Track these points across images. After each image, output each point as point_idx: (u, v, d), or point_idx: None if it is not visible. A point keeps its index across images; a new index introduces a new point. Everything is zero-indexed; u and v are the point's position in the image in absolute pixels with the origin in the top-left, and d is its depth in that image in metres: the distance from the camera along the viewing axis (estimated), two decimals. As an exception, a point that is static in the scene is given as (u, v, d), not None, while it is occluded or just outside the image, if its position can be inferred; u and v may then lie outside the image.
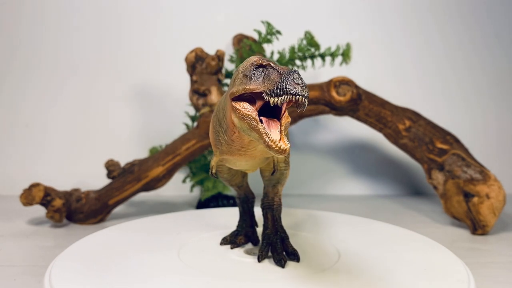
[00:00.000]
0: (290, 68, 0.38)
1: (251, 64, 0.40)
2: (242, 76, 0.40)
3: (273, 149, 0.38)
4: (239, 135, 0.42)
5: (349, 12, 1.09)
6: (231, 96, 0.40)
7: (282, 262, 0.50)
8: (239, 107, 0.39)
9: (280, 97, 0.37)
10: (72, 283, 0.45)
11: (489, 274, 0.57)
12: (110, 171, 0.81)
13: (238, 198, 0.59)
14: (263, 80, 0.39)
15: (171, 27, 1.04)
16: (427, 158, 0.81)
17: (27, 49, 1.02)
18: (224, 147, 0.45)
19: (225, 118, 0.43)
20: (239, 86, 0.40)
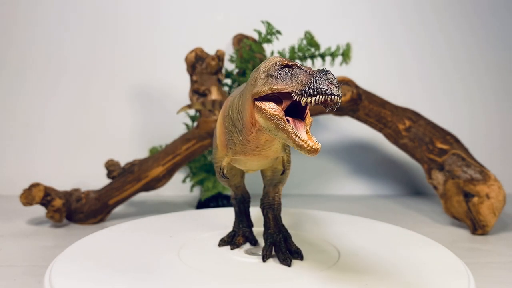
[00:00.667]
0: (321, 68, 0.38)
1: (276, 64, 0.40)
2: (265, 76, 0.40)
3: (305, 148, 0.38)
4: (256, 135, 0.42)
5: (349, 12, 1.09)
6: (254, 96, 0.40)
7: (288, 261, 0.50)
8: (266, 107, 0.39)
9: (314, 97, 0.36)
10: (72, 283, 0.45)
11: (489, 274, 0.57)
12: (110, 171, 0.81)
13: (234, 198, 0.59)
14: (290, 80, 0.38)
15: (171, 27, 1.04)
16: (427, 158, 0.81)
17: (27, 49, 1.02)
18: (238, 147, 0.45)
19: (242, 118, 0.43)
20: (264, 86, 0.39)
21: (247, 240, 0.57)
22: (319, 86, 0.36)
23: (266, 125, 0.40)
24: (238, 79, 0.86)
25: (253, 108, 0.41)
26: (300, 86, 0.37)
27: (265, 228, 0.54)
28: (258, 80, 0.40)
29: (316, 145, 0.38)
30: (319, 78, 0.37)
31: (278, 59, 0.40)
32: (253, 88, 0.41)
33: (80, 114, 1.03)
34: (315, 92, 0.36)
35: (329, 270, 0.49)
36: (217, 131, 0.50)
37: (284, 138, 0.39)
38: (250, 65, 0.85)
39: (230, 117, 0.45)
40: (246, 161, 0.47)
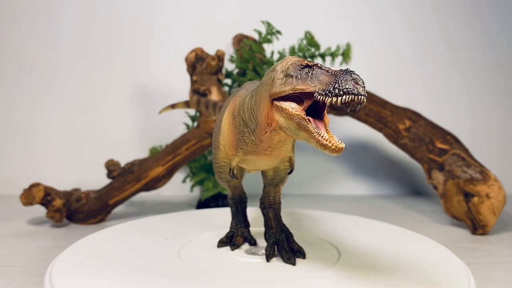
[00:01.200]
0: (344, 69, 0.38)
1: (295, 64, 0.39)
2: (284, 76, 0.40)
3: (329, 148, 0.38)
4: (270, 135, 0.42)
5: (349, 12, 1.09)
6: (273, 96, 0.40)
7: (293, 260, 0.50)
8: (287, 107, 0.39)
9: (340, 97, 0.36)
10: (72, 283, 0.45)
11: (489, 274, 0.57)
12: (110, 171, 0.81)
13: (232, 198, 0.59)
14: (311, 80, 0.38)
15: (171, 27, 1.04)
16: (427, 158, 0.81)
17: (28, 49, 1.02)
18: (250, 147, 0.44)
19: (255, 118, 0.43)
20: (284, 86, 0.39)
21: (245, 240, 0.57)
22: (345, 86, 0.36)
23: (286, 125, 0.39)
24: (238, 79, 0.86)
25: (270, 108, 0.40)
26: (323, 86, 0.37)
27: (266, 228, 0.54)
28: (275, 80, 0.40)
29: (340, 144, 0.38)
30: (345, 78, 0.36)
31: (297, 59, 0.40)
32: (270, 88, 0.40)
33: (80, 114, 1.03)
34: (341, 92, 0.36)
35: (329, 269, 0.49)
36: (223, 131, 0.50)
37: (306, 137, 0.38)
38: (250, 65, 0.85)
39: (241, 117, 0.45)
40: (256, 161, 0.47)
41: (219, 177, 0.56)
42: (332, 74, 0.37)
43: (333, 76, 0.37)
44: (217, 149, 0.53)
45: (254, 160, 0.47)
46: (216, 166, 0.55)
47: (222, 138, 0.51)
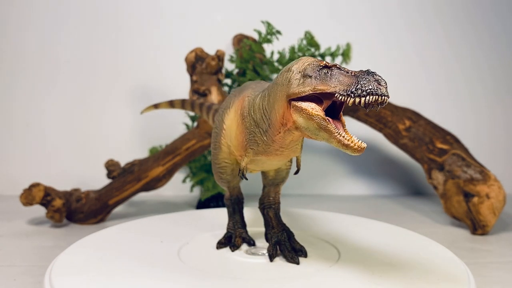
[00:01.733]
0: (365, 70, 0.38)
1: (313, 64, 0.40)
2: (301, 76, 0.40)
3: (351, 147, 0.38)
4: (284, 135, 0.42)
5: (349, 12, 1.09)
6: (292, 96, 0.40)
7: (296, 259, 0.51)
8: (307, 107, 0.39)
9: (363, 98, 0.36)
10: (72, 283, 0.45)
11: (489, 274, 0.57)
12: (110, 171, 0.81)
13: (229, 199, 0.58)
14: (331, 81, 0.38)
15: (171, 27, 1.04)
16: (427, 158, 0.81)
17: (28, 49, 1.02)
18: (261, 147, 0.45)
19: (268, 118, 0.43)
20: (303, 87, 0.39)
21: (244, 240, 0.57)
22: (367, 86, 0.36)
23: (306, 125, 0.39)
24: (238, 79, 0.86)
25: (286, 108, 0.41)
26: (344, 87, 0.37)
27: (267, 228, 0.55)
28: (292, 81, 0.40)
29: (362, 144, 0.38)
30: (367, 78, 0.37)
31: (314, 60, 0.40)
32: (287, 88, 0.40)
33: (80, 114, 1.03)
34: (364, 93, 0.36)
35: (329, 269, 0.49)
36: (229, 131, 0.50)
37: (326, 138, 0.39)
38: (250, 65, 0.86)
39: (252, 118, 0.45)
40: (265, 161, 0.47)
41: (219, 178, 0.56)
42: (352, 75, 0.38)
43: (354, 77, 0.37)
44: (218, 149, 0.53)
45: (264, 160, 0.47)
46: (217, 166, 0.54)
47: (228, 139, 0.50)
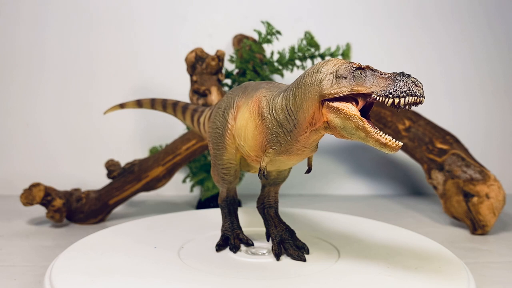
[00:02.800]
0: (399, 72, 0.40)
1: (346, 66, 0.41)
2: (334, 77, 0.41)
3: (390, 146, 0.39)
4: (309, 135, 0.44)
5: (349, 12, 1.09)
6: (327, 97, 0.41)
7: (303, 257, 0.52)
8: (344, 108, 0.40)
9: (403, 98, 0.38)
10: (72, 283, 0.45)
11: (489, 274, 0.57)
12: (110, 171, 0.81)
13: (225, 200, 0.57)
14: (366, 82, 0.40)
15: (171, 27, 1.04)
16: (427, 158, 0.81)
17: (28, 49, 1.02)
18: (284, 147, 0.45)
19: (294, 118, 0.44)
20: (340, 88, 0.40)
21: (241, 241, 0.56)
22: (406, 88, 0.38)
23: (343, 125, 0.40)
24: (238, 79, 0.86)
25: (317, 109, 0.42)
26: (381, 88, 0.39)
27: (269, 228, 0.55)
28: (324, 82, 0.41)
29: (399, 143, 0.40)
30: (404, 80, 0.39)
31: (344, 61, 0.42)
32: (319, 89, 0.41)
33: (80, 114, 1.03)
34: (403, 94, 0.38)
35: (329, 269, 0.49)
36: (244, 132, 0.49)
37: (363, 137, 0.40)
38: (250, 65, 0.86)
39: (274, 118, 0.45)
40: (284, 161, 0.48)
41: (221, 179, 0.55)
42: (387, 76, 0.39)
43: (390, 78, 0.39)
44: (223, 150, 0.52)
45: (282, 160, 0.48)
46: (221, 167, 0.54)
47: (241, 139, 0.50)
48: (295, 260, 0.52)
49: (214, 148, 0.54)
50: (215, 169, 0.55)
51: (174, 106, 0.67)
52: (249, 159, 0.51)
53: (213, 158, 0.54)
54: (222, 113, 0.53)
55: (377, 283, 0.46)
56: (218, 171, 0.54)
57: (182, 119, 0.67)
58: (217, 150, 0.53)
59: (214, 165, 0.55)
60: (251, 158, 0.50)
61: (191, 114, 0.64)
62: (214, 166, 0.55)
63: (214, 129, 0.54)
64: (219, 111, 0.53)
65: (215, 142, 0.53)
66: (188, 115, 0.65)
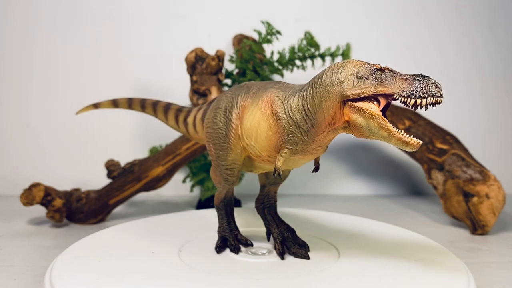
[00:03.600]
0: (418, 73, 0.42)
1: (367, 67, 0.43)
2: (355, 78, 0.42)
3: (411, 144, 0.41)
4: (326, 134, 0.45)
5: (349, 12, 1.09)
6: (350, 97, 0.42)
7: (307, 255, 0.52)
8: (367, 107, 0.42)
9: (425, 99, 0.40)
10: (72, 283, 0.45)
11: (489, 274, 0.57)
12: (110, 171, 0.81)
13: (223, 201, 0.57)
14: (388, 83, 0.41)
15: (171, 27, 1.04)
16: (427, 158, 0.81)
17: (28, 48, 1.02)
18: (300, 147, 0.46)
19: (312, 118, 0.45)
20: (364, 88, 0.42)
21: (240, 242, 0.56)
22: (428, 89, 0.40)
23: (367, 124, 0.42)
24: (238, 79, 0.86)
25: (338, 108, 0.43)
26: (402, 88, 0.41)
27: (270, 227, 0.56)
28: (345, 82, 0.43)
29: (420, 141, 0.41)
30: (426, 81, 0.40)
31: (363, 62, 0.44)
32: (339, 89, 0.43)
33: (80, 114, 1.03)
34: (426, 94, 0.40)
35: (328, 269, 0.49)
36: (255, 133, 0.49)
37: (385, 136, 0.42)
38: (250, 65, 0.86)
39: (290, 118, 0.46)
40: (297, 160, 0.48)
41: (224, 180, 0.54)
42: (408, 78, 0.41)
43: (412, 80, 0.41)
44: (227, 150, 0.52)
45: (296, 160, 0.48)
46: (224, 168, 0.53)
47: (252, 139, 0.50)
48: (299, 258, 0.52)
49: (216, 149, 0.53)
50: (217, 170, 0.54)
51: (154, 106, 0.65)
52: (258, 159, 0.51)
53: (215, 159, 0.53)
54: (224, 113, 0.52)
55: (377, 283, 0.46)
56: (221, 172, 0.54)
57: (164, 120, 0.65)
58: (220, 151, 0.52)
59: (217, 166, 0.54)
60: (262, 158, 0.50)
61: (175, 114, 0.63)
62: (216, 167, 0.54)
63: (215, 129, 0.53)
64: (219, 111, 0.53)
65: (217, 143, 0.53)
66: (172, 115, 0.63)
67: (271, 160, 0.49)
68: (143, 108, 0.66)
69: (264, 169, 0.53)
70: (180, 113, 0.63)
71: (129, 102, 0.67)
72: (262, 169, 0.53)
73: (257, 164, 0.52)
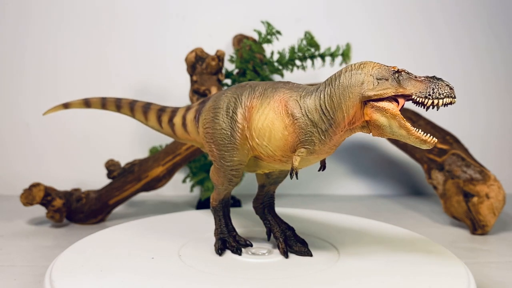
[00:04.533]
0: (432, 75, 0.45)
1: (385, 68, 0.45)
2: (375, 79, 0.44)
3: (429, 143, 0.44)
4: (343, 134, 0.47)
5: (349, 12, 1.09)
6: (372, 97, 0.44)
7: (309, 252, 0.53)
8: (388, 107, 0.44)
9: (441, 99, 0.43)
10: (72, 283, 0.45)
11: (489, 274, 0.57)
12: (110, 171, 0.81)
13: (221, 202, 0.56)
14: (406, 84, 0.44)
15: (171, 27, 1.04)
16: (426, 158, 0.81)
17: (28, 48, 1.02)
18: (317, 147, 0.47)
19: (330, 118, 0.46)
20: (385, 89, 0.44)
21: (239, 243, 0.55)
22: (443, 90, 0.43)
23: (388, 123, 0.44)
24: (238, 79, 0.86)
25: (359, 108, 0.45)
26: (419, 90, 0.43)
27: (271, 226, 0.56)
28: (366, 83, 0.44)
29: (435, 139, 0.44)
30: (441, 83, 0.43)
31: (380, 64, 0.46)
32: (360, 90, 0.44)
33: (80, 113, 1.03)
34: (442, 95, 0.43)
35: (328, 269, 0.49)
36: (268, 133, 0.49)
37: (404, 135, 0.44)
38: (250, 65, 0.86)
39: (309, 118, 0.47)
40: (311, 159, 0.50)
41: (229, 181, 0.53)
42: (424, 80, 0.43)
43: (427, 81, 0.43)
44: (234, 150, 0.51)
45: (310, 159, 0.49)
46: (229, 169, 0.52)
47: (265, 140, 0.49)
48: (302, 255, 0.53)
49: (220, 150, 0.52)
50: (221, 171, 0.53)
51: (131, 105, 0.62)
52: (269, 159, 0.50)
53: (219, 160, 0.52)
54: (226, 113, 0.51)
55: (377, 283, 0.46)
56: (225, 173, 0.52)
57: (143, 120, 0.63)
58: (225, 152, 0.51)
59: (220, 167, 0.53)
60: (274, 158, 0.50)
61: (157, 114, 0.61)
62: (219, 168, 0.53)
63: (218, 130, 0.52)
64: (220, 111, 0.52)
65: (221, 144, 0.52)
66: (153, 115, 0.61)
67: (284, 160, 0.50)
68: (118, 108, 0.63)
69: (270, 168, 0.53)
70: (163, 113, 0.61)
71: (103, 102, 0.64)
72: (268, 168, 0.53)
73: (264, 164, 0.52)
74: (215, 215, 0.56)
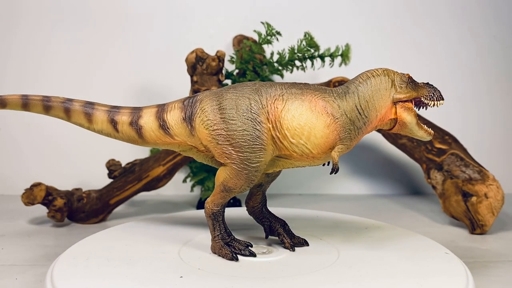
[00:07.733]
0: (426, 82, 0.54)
1: (402, 75, 0.52)
2: (399, 84, 0.52)
3: (431, 134, 0.53)
4: (369, 131, 0.53)
5: (349, 12, 1.09)
6: (402, 99, 0.52)
7: (306, 242, 0.58)
8: (413, 107, 0.52)
9: (439, 101, 0.52)
10: (73, 282, 0.46)
11: (488, 274, 0.58)
12: (111, 171, 0.81)
13: (223, 207, 0.54)
14: (417, 88, 0.52)
15: (171, 27, 1.04)
16: (425, 158, 0.81)
17: (27, 47, 1.02)
18: (352, 143, 0.52)
19: (364, 116, 0.51)
20: (410, 93, 0.52)
21: (240, 244, 0.55)
22: (439, 94, 0.52)
23: (412, 121, 0.52)
24: (238, 80, 0.87)
25: (389, 108, 0.52)
26: (426, 93, 0.52)
27: (271, 223, 0.58)
28: (393, 87, 0.52)
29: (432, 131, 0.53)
30: (434, 88, 0.52)
31: (395, 71, 0.53)
32: (391, 92, 0.52)
33: (81, 114, 1.03)
34: (440, 98, 0.52)
35: (328, 269, 0.50)
36: (306, 131, 0.50)
37: (416, 130, 0.52)
38: (250, 65, 0.86)
39: (348, 118, 0.51)
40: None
41: (250, 182, 0.51)
42: (425, 85, 0.53)
43: (427, 86, 0.52)
44: (260, 152, 0.50)
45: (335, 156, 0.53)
46: (254, 170, 0.51)
47: (303, 138, 0.50)
48: (302, 246, 0.57)
49: (244, 152, 0.50)
50: (242, 174, 0.51)
51: (65, 104, 0.57)
52: (301, 157, 0.52)
53: (242, 162, 0.50)
54: (245, 114, 0.50)
55: (376, 283, 0.46)
56: (248, 175, 0.51)
57: (83, 123, 0.59)
58: (250, 153, 0.50)
59: (243, 169, 0.50)
60: (307, 156, 0.51)
61: (108, 115, 0.56)
62: (241, 171, 0.51)
63: (238, 131, 0.50)
64: (232, 112, 0.50)
65: (245, 145, 0.50)
66: (100, 116, 0.57)
67: (318, 157, 0.52)
68: (47, 109, 0.57)
69: (287, 167, 0.54)
70: (116, 114, 0.55)
71: (23, 103, 0.56)
72: (283, 167, 0.54)
73: (283, 163, 0.53)
74: (214, 220, 0.54)
